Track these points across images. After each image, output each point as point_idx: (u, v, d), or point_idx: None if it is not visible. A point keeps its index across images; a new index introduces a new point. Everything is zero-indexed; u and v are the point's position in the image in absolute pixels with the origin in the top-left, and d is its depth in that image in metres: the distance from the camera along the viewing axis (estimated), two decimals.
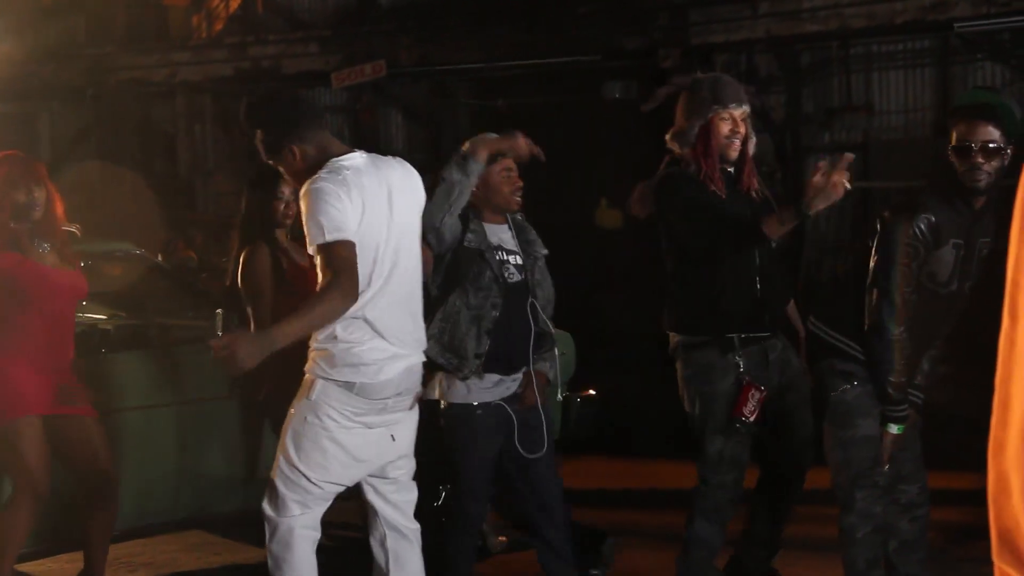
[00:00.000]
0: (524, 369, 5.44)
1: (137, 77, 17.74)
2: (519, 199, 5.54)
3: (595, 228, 14.84)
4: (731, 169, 5.44)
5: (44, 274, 5.79)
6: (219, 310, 6.73)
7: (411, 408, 4.71)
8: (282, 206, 6.30)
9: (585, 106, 14.93)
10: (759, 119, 14.36)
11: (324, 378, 4.57)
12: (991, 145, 4.67)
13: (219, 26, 18.11)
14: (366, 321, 4.50)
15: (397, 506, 4.82)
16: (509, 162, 5.53)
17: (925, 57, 14.29)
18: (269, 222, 6.25)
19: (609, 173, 13.69)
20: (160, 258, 10.90)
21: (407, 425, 4.73)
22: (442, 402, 5.43)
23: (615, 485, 8.43)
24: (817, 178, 4.97)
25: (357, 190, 4.53)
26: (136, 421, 6.48)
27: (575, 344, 8.09)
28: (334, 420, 4.58)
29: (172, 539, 7.36)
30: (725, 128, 5.37)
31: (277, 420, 5.60)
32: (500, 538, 7.38)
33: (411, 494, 4.85)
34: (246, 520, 7.07)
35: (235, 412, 6.74)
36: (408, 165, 4.94)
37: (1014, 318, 1.64)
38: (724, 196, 5.34)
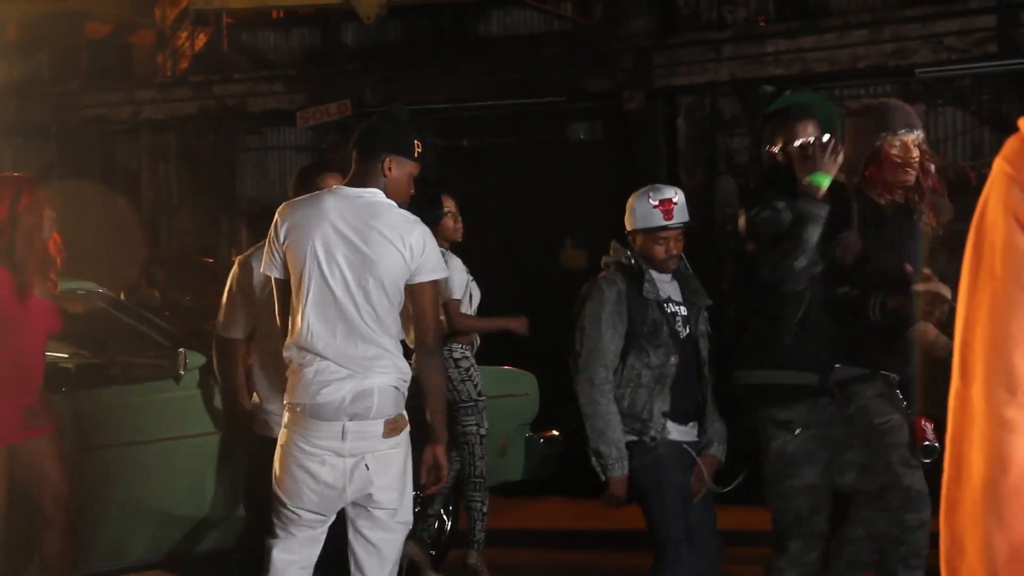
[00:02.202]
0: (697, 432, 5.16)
1: (101, 115, 17.70)
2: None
3: (560, 268, 14.87)
4: (903, 200, 5.13)
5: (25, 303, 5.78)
6: (182, 349, 6.73)
7: (387, 436, 4.70)
8: None
9: (550, 147, 14.98)
10: (723, 162, 14.49)
11: (287, 403, 4.74)
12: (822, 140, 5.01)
13: (184, 64, 18.11)
14: (306, 343, 4.66)
15: (370, 542, 4.81)
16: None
17: None
18: None
19: (574, 213, 13.73)
20: (122, 296, 10.84)
21: (388, 457, 4.72)
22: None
23: (578, 526, 8.41)
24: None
25: (283, 223, 4.86)
26: (97, 460, 6.44)
27: (538, 385, 8.10)
28: (299, 446, 4.68)
29: None
30: (896, 157, 5.07)
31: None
32: None
33: (388, 533, 4.84)
34: (210, 560, 7.03)
35: (198, 451, 6.70)
36: (383, 204, 5.02)
37: (966, 378, 1.65)
38: (887, 219, 5.09)
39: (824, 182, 4.95)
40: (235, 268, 5.82)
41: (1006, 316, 1.60)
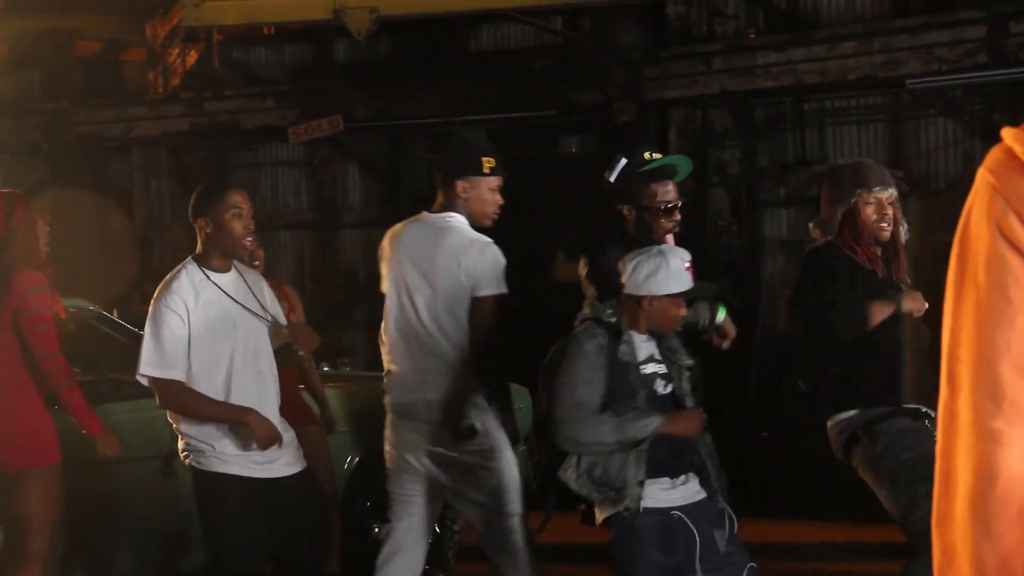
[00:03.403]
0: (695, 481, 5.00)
1: (93, 132, 17.70)
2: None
3: (552, 282, 14.85)
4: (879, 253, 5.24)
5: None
6: None
7: (456, 441, 5.43)
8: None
9: (541, 160, 14.98)
10: (716, 174, 14.50)
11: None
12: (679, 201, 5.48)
13: (175, 81, 18.10)
14: (390, 358, 5.72)
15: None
16: None
17: (878, 113, 14.44)
18: None
19: (565, 227, 13.73)
20: (115, 313, 10.83)
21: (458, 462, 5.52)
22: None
23: (573, 540, 8.38)
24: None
25: (381, 253, 5.83)
26: (90, 477, 6.42)
27: (532, 399, 8.08)
28: (387, 438, 5.81)
29: None
30: (871, 212, 5.18)
31: None
32: None
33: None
34: None
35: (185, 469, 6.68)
36: (450, 228, 5.58)
37: (953, 389, 1.65)
38: (882, 275, 5.20)
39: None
40: (153, 301, 5.55)
41: (991, 327, 1.60)
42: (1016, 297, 1.59)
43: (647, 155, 5.55)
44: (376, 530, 7.56)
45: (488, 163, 5.61)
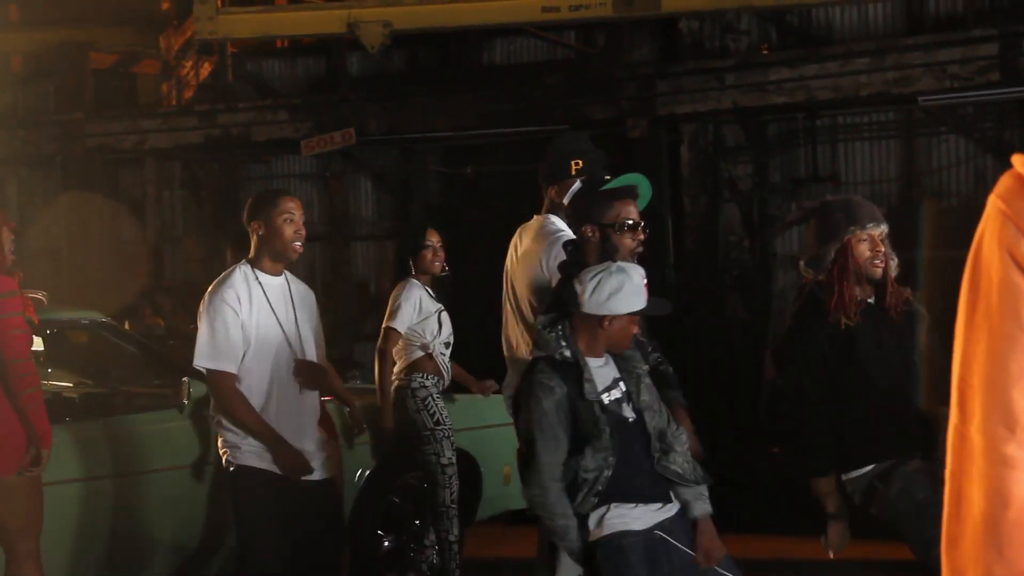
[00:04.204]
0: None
1: (106, 144, 17.75)
2: None
3: None
4: (871, 300, 5.22)
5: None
6: (185, 378, 6.74)
7: None
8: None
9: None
10: (727, 189, 14.51)
11: None
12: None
13: (189, 94, 18.17)
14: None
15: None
16: None
17: (890, 129, 14.44)
18: None
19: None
20: (127, 325, 10.86)
21: None
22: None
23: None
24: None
25: None
26: (101, 490, 6.44)
27: None
28: None
29: None
30: (865, 249, 5.16)
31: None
32: None
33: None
34: None
35: (201, 481, 6.71)
36: (536, 226, 5.79)
37: (964, 414, 1.66)
38: (853, 323, 5.15)
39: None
40: (208, 295, 5.79)
41: (1003, 353, 1.61)
42: None
43: (606, 176, 5.56)
44: (386, 543, 7.58)
45: (575, 165, 5.76)
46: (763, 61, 14.01)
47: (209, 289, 5.68)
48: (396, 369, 7.46)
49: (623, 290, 4.76)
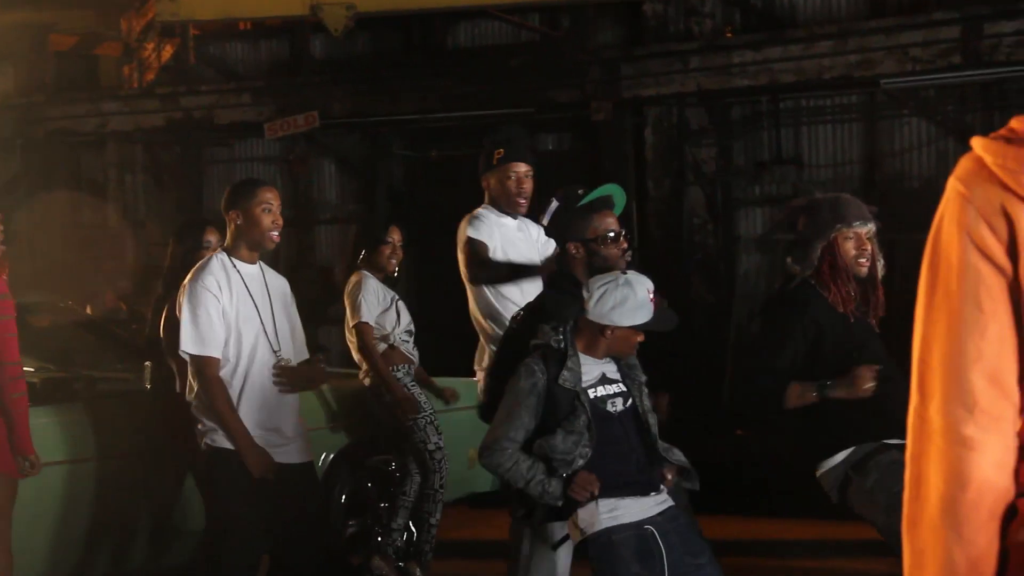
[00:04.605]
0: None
1: (67, 127, 17.63)
2: None
3: None
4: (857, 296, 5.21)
5: None
6: (148, 362, 6.71)
7: None
8: (206, 254, 6.34)
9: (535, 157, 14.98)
10: (691, 172, 14.54)
11: None
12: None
13: (150, 76, 18.04)
14: None
15: None
16: None
17: (852, 112, 14.49)
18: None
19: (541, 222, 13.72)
20: (88, 309, 10.80)
21: None
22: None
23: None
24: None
25: None
26: (61, 475, 6.41)
27: None
28: None
29: None
30: (851, 247, 5.15)
31: (200, 474, 5.67)
32: None
33: None
34: (171, 574, 7.00)
35: (162, 466, 6.68)
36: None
37: (924, 395, 1.67)
38: (853, 320, 5.15)
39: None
40: (188, 282, 5.79)
41: (962, 335, 1.62)
42: (988, 306, 1.61)
43: (579, 191, 5.60)
44: (351, 526, 7.58)
45: (498, 155, 6.11)
46: (727, 44, 14.03)
47: (188, 277, 5.73)
48: (366, 367, 7.45)
49: (626, 303, 4.88)
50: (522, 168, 6.34)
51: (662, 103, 14.42)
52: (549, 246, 6.14)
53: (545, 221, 5.63)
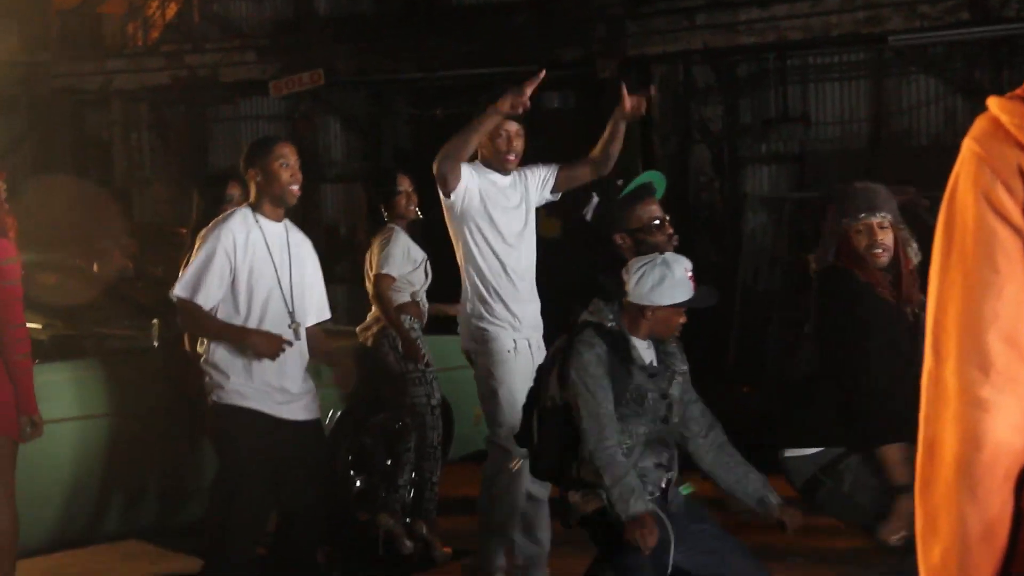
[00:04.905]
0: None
1: (72, 85, 17.59)
2: None
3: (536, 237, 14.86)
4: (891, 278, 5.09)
5: None
6: (155, 320, 6.72)
7: None
8: (229, 208, 6.35)
9: (525, 115, 14.94)
10: (697, 130, 14.49)
11: None
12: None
13: (155, 34, 17.99)
14: None
15: None
16: None
17: (860, 69, 14.43)
18: None
19: None
20: (95, 267, 10.81)
21: None
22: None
23: (552, 494, 8.42)
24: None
25: None
26: (71, 432, 6.43)
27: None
28: None
29: (107, 549, 7.30)
30: (862, 241, 5.03)
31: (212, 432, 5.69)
32: (445, 548, 7.40)
33: None
34: (183, 530, 7.04)
35: (171, 423, 6.70)
36: None
37: (939, 357, 1.67)
38: (894, 302, 5.02)
39: None
40: (205, 232, 5.84)
41: (978, 296, 1.61)
42: (1004, 267, 1.60)
43: (618, 182, 5.63)
44: (358, 483, 7.61)
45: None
46: (733, 1, 13.96)
47: (208, 227, 5.81)
48: (369, 322, 7.46)
49: (664, 283, 4.92)
50: (513, 127, 6.36)
51: (668, 61, 14.36)
52: (547, 188, 6.48)
53: (588, 216, 5.65)
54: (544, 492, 6.31)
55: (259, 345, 5.60)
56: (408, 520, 7.43)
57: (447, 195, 6.20)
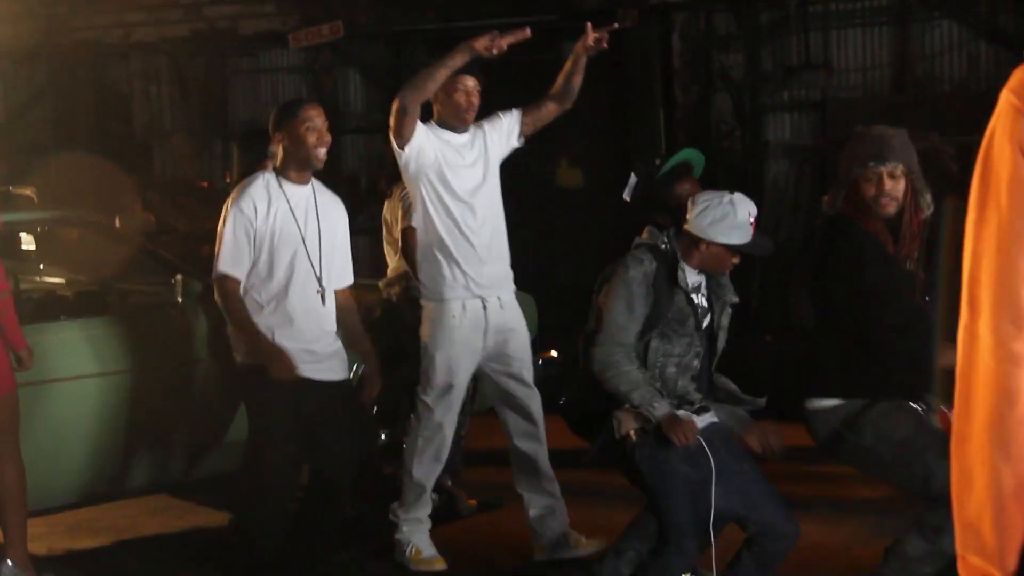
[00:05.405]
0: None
1: (91, 38, 17.55)
2: None
3: (555, 188, 14.82)
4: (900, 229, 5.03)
5: None
6: (179, 275, 6.73)
7: None
8: (270, 164, 6.36)
9: (543, 65, 14.84)
10: (719, 78, 14.39)
11: None
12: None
13: None
14: None
15: None
16: None
17: (883, 15, 14.30)
18: None
19: (568, 132, 13.66)
20: (117, 222, 10.82)
21: None
22: (633, 436, 5.02)
23: (577, 445, 8.44)
24: None
25: None
26: (96, 387, 6.45)
27: (536, 306, 8.10)
28: None
29: (135, 503, 7.35)
30: (870, 189, 4.95)
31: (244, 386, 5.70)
32: (471, 500, 7.42)
33: None
34: (209, 485, 7.08)
35: (196, 378, 6.72)
36: None
37: (974, 311, 1.65)
38: (893, 254, 4.98)
39: None
40: (229, 202, 5.80)
41: (1013, 250, 1.59)
42: None
43: (656, 161, 5.62)
44: (383, 436, 7.62)
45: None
46: None
47: (232, 196, 5.79)
48: (401, 267, 7.45)
49: (725, 220, 4.98)
50: (471, 82, 6.33)
51: (689, 9, 14.26)
52: (513, 136, 6.48)
53: (627, 196, 5.64)
54: (535, 448, 6.36)
55: (276, 367, 5.57)
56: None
57: (401, 147, 6.18)
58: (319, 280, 5.76)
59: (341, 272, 5.94)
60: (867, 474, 5.25)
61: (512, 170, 6.46)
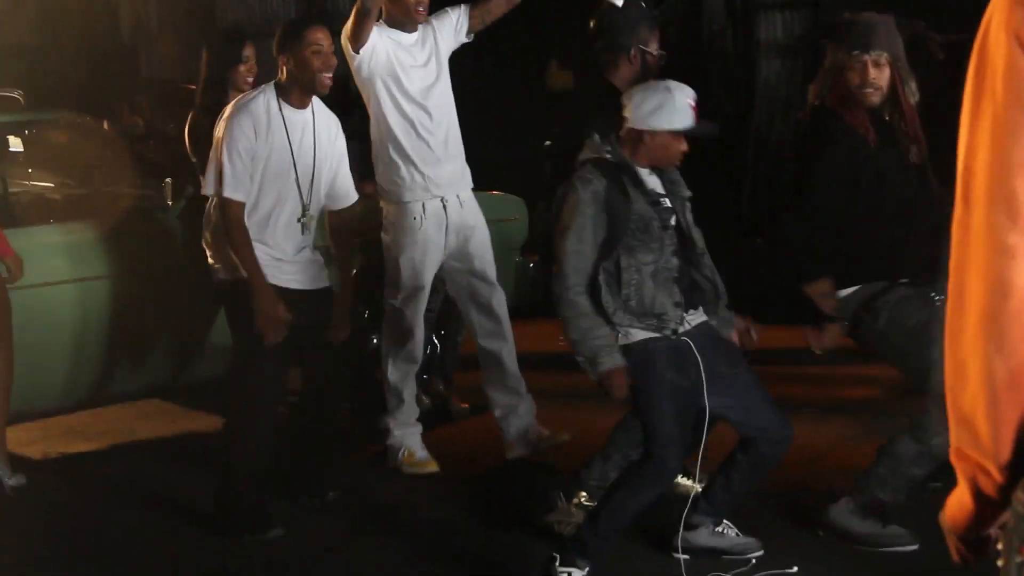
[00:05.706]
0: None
1: None
2: None
3: (545, 91, 14.72)
4: (886, 117, 5.07)
5: None
6: (168, 179, 6.70)
7: None
8: (243, 68, 6.27)
9: None
10: None
11: None
12: None
13: None
14: None
15: None
16: None
17: None
18: (231, 85, 6.24)
19: (557, 34, 13.55)
20: (106, 125, 10.76)
21: None
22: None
23: (568, 348, 8.46)
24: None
25: None
26: (83, 291, 6.45)
27: (526, 209, 8.10)
28: None
29: (128, 408, 7.38)
30: (854, 78, 4.99)
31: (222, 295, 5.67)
32: (463, 404, 7.45)
33: None
34: (201, 389, 7.10)
35: (184, 283, 6.72)
36: None
37: (967, 204, 1.64)
38: (875, 144, 4.99)
39: None
40: (227, 119, 5.67)
41: (1007, 141, 1.58)
42: None
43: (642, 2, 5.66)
44: (374, 340, 7.63)
45: None
46: None
47: (228, 111, 5.63)
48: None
49: (664, 107, 4.87)
50: None
51: None
52: (462, 32, 6.27)
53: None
54: (499, 345, 6.37)
55: (262, 311, 5.49)
56: (425, 376, 7.47)
57: (356, 50, 6.06)
58: (305, 209, 5.68)
59: (345, 193, 5.87)
60: (881, 359, 5.29)
61: (502, 72, 6.40)
